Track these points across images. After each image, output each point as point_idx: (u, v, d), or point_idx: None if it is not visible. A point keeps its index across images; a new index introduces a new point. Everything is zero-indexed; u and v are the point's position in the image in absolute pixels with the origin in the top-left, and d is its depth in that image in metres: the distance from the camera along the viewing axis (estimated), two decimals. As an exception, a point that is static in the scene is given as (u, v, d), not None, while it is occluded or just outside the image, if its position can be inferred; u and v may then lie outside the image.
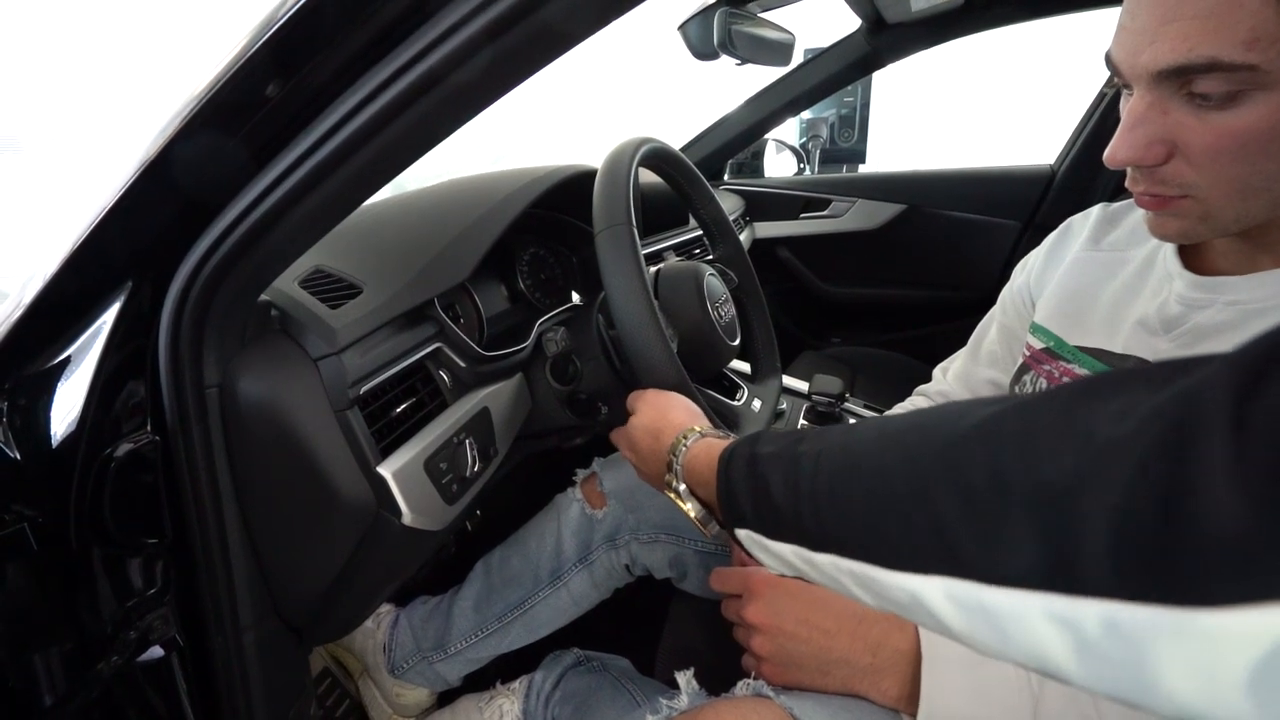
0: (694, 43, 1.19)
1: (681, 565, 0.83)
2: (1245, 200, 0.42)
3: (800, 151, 2.10)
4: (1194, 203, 0.44)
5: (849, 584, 0.34)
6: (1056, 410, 0.26)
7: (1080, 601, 0.23)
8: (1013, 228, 1.64)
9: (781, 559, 0.39)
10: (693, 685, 0.60)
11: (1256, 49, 0.35)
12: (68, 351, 0.50)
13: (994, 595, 0.26)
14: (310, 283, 0.60)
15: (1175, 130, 0.42)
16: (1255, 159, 0.40)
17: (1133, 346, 0.55)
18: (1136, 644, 0.21)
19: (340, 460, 0.55)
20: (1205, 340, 0.50)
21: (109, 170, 0.47)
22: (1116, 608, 0.22)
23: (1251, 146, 0.39)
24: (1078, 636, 0.23)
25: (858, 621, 0.55)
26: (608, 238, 0.60)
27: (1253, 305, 0.47)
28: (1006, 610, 0.25)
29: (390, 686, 0.90)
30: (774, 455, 0.40)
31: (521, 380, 0.78)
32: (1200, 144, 0.41)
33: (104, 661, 0.51)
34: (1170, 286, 0.53)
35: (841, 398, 1.13)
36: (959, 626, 0.28)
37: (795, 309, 1.93)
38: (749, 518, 0.41)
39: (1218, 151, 0.40)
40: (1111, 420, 0.24)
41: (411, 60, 0.38)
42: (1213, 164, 0.41)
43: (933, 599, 0.28)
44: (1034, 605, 0.24)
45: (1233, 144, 0.39)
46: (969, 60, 1.69)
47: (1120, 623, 0.22)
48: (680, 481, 0.51)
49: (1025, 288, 0.72)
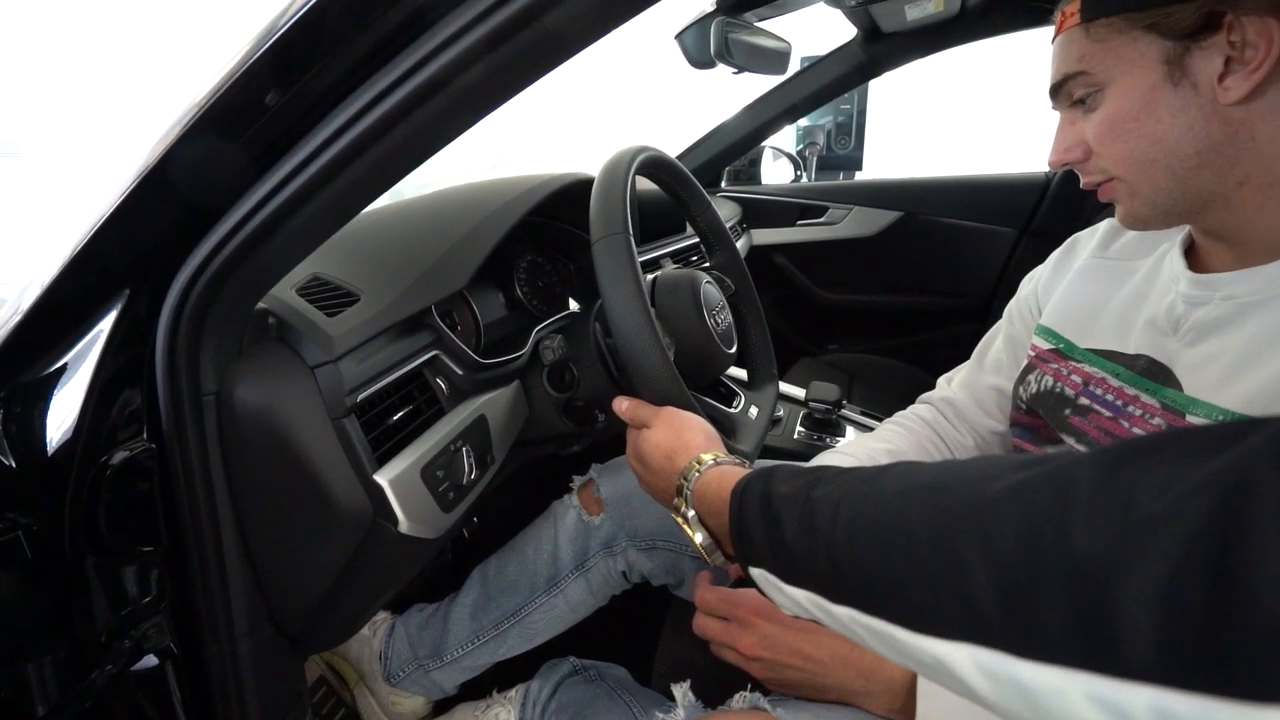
0: (691, 51, 1.19)
1: (678, 572, 0.82)
2: (1147, 172, 0.51)
3: (797, 159, 2.11)
4: (1119, 183, 0.54)
5: (869, 639, 0.32)
6: (1092, 479, 0.25)
7: (1128, 686, 0.21)
8: (1009, 235, 1.65)
9: (797, 604, 0.37)
10: (689, 698, 0.60)
11: (1085, 62, 0.52)
12: (64, 359, 0.50)
13: (1030, 671, 0.24)
14: (308, 290, 0.60)
15: (1082, 133, 0.54)
16: (1128, 137, 0.51)
17: (1144, 346, 0.57)
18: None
19: (337, 468, 0.55)
20: (1208, 336, 0.52)
21: (108, 177, 0.47)
22: (1167, 696, 0.20)
23: (1118, 128, 0.51)
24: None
25: (850, 648, 0.55)
26: (604, 247, 0.60)
27: (1246, 298, 0.51)
28: (1044, 688, 0.24)
29: (386, 695, 0.90)
30: (789, 497, 0.39)
31: (519, 388, 0.78)
32: (1094, 136, 0.53)
33: (98, 670, 0.51)
34: (1176, 287, 0.56)
35: (838, 405, 1.13)
36: (990, 697, 0.26)
37: (792, 316, 1.93)
38: (765, 558, 0.39)
39: (1101, 138, 0.52)
40: (1152, 494, 0.22)
41: (414, 67, 0.38)
42: (1107, 148, 0.52)
43: (961, 667, 0.27)
44: (1076, 685, 0.23)
45: (1107, 130, 0.52)
46: (965, 68, 1.70)
47: (1173, 713, 0.20)
48: (690, 508, 0.51)
49: (1033, 296, 0.74)
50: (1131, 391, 0.57)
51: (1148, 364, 0.56)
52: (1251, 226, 0.51)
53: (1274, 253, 0.49)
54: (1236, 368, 0.49)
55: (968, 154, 2.25)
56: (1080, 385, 0.61)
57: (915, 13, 1.29)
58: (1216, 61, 0.46)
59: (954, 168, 1.81)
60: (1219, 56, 0.46)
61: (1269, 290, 0.49)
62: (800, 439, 1.15)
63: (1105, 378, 0.60)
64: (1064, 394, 0.62)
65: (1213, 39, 0.46)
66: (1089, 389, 0.61)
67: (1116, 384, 0.58)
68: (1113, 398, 0.58)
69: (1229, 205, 0.51)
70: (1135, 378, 0.57)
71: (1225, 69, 0.46)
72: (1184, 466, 0.22)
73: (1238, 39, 0.45)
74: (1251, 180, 0.49)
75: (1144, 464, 0.24)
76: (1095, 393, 0.60)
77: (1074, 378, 0.62)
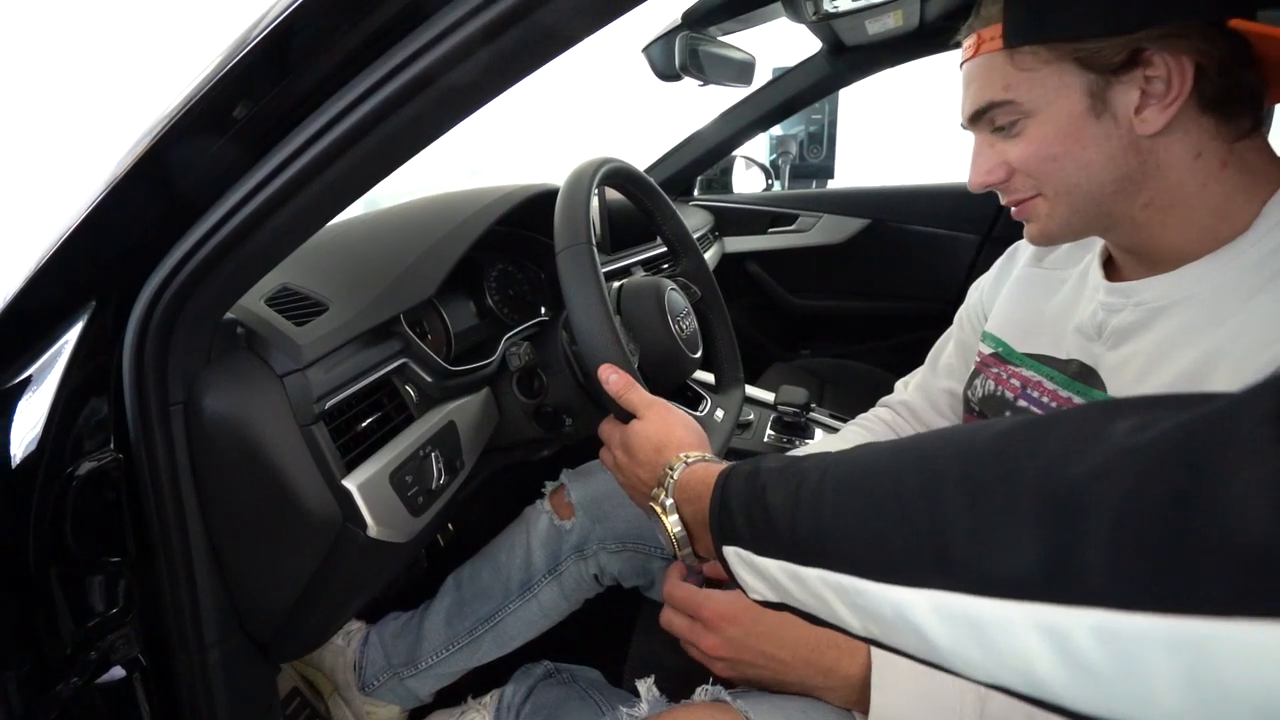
0: (657, 64, 1.22)
1: (649, 574, 0.84)
2: (1070, 195, 0.54)
3: (768, 168, 2.15)
4: (1043, 200, 0.56)
5: (834, 600, 0.34)
6: (1077, 419, 0.27)
7: (1072, 610, 0.22)
8: (972, 241, 1.70)
9: (766, 576, 0.38)
10: (653, 693, 0.62)
11: (1011, 90, 0.53)
12: (29, 370, 0.50)
13: (983, 606, 0.26)
14: (276, 300, 0.61)
15: (1002, 155, 0.56)
16: (1059, 161, 0.53)
17: (1075, 351, 0.61)
18: (1129, 654, 0.21)
19: (305, 474, 0.56)
20: (1126, 339, 0.56)
21: (75, 188, 0.48)
22: (1109, 616, 0.21)
23: (1047, 153, 0.53)
24: (1066, 647, 0.23)
25: (810, 649, 0.57)
26: (568, 256, 0.62)
27: (1154, 303, 0.54)
28: (994, 621, 0.25)
29: (361, 705, 0.90)
30: (777, 469, 0.40)
31: (489, 394, 0.79)
32: (1020, 157, 0.55)
33: (62, 683, 0.51)
34: (1097, 296, 0.59)
35: (807, 408, 1.16)
36: (943, 641, 0.28)
37: (764, 321, 1.97)
38: (741, 532, 0.40)
39: (1028, 161, 0.54)
40: (1131, 430, 0.24)
41: (404, 62, 0.38)
42: (1036, 168, 0.54)
43: (920, 613, 0.28)
44: (1023, 614, 0.24)
45: (1035, 155, 0.54)
46: (933, 79, 1.76)
47: (1113, 631, 0.21)
48: (669, 496, 0.51)
49: (979, 304, 0.78)
50: (1065, 394, 0.60)
51: (1079, 368, 0.59)
52: (1155, 242, 0.54)
53: (1177, 260, 0.53)
54: (1149, 367, 0.52)
55: (938, 161, 2.31)
56: (1019, 389, 0.65)
57: (876, 28, 1.34)
58: (1133, 95, 0.49)
59: (925, 175, 1.86)
60: (1135, 90, 0.49)
61: (1172, 295, 0.53)
62: (770, 442, 1.17)
63: (1042, 381, 0.63)
64: (1004, 397, 0.66)
65: (1131, 74, 0.49)
66: (1027, 392, 0.64)
67: (1052, 387, 0.62)
68: (1048, 400, 0.61)
69: (1134, 224, 0.54)
70: (1069, 381, 0.60)
71: (1140, 102, 0.49)
72: (1162, 413, 0.24)
73: (1155, 74, 0.48)
74: (1155, 203, 0.52)
75: (1126, 411, 0.25)
76: (1033, 395, 0.63)
77: (1013, 381, 0.65)
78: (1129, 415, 0.25)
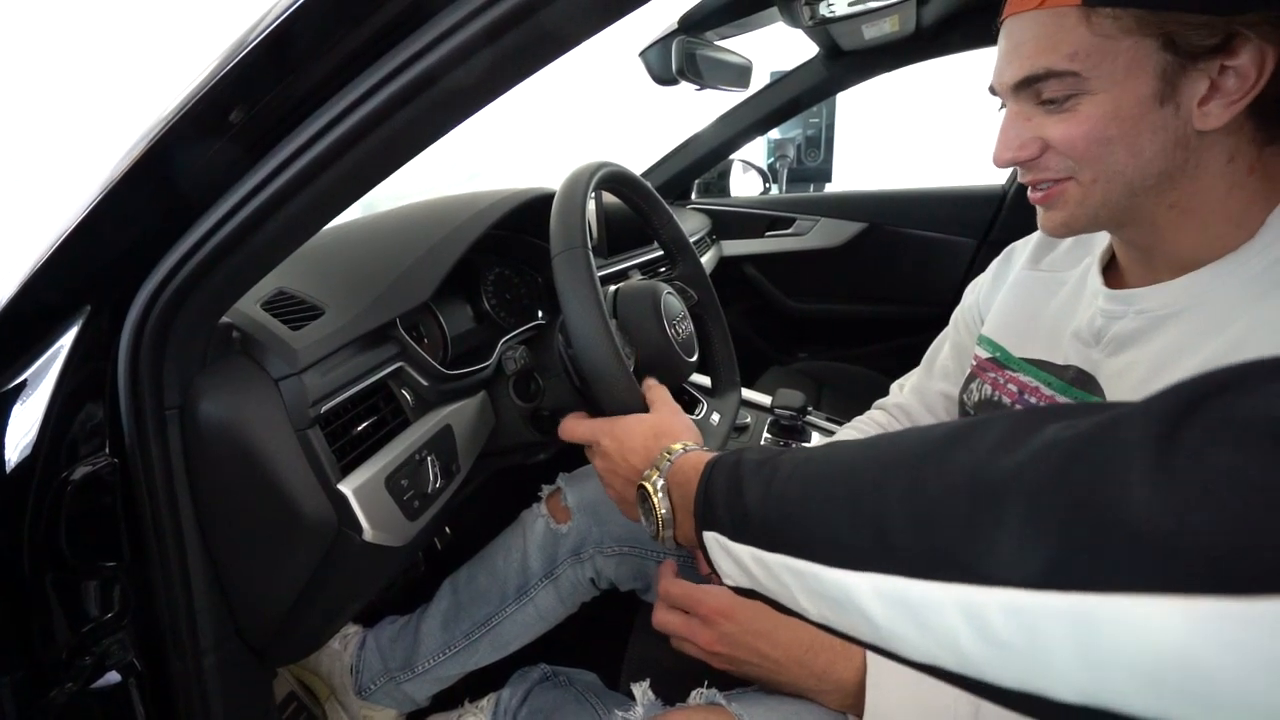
0: (654, 69, 1.23)
1: (645, 577, 0.84)
2: (1111, 183, 0.50)
3: (765, 171, 2.16)
4: (1074, 185, 0.52)
5: (793, 586, 0.35)
6: (1016, 419, 0.29)
7: (987, 590, 0.25)
8: (968, 245, 1.71)
9: (738, 562, 0.40)
10: (649, 696, 0.62)
11: (1077, 60, 0.46)
12: (24, 375, 0.50)
13: (917, 589, 0.28)
14: (272, 305, 0.61)
15: (1039, 130, 0.51)
16: (1110, 145, 0.48)
17: (1072, 358, 0.60)
18: (1034, 629, 0.23)
19: (301, 478, 0.56)
20: (1126, 347, 0.55)
21: (71, 191, 0.48)
22: (1017, 595, 0.24)
23: (1100, 136, 0.48)
24: (983, 625, 0.25)
25: (804, 650, 0.57)
26: (563, 261, 0.62)
27: (1158, 311, 0.53)
28: (925, 603, 0.28)
29: (358, 709, 0.90)
30: (757, 462, 0.42)
31: (485, 398, 0.79)
32: (1065, 136, 0.49)
33: (57, 689, 0.51)
34: (1096, 302, 0.58)
35: (803, 411, 1.16)
36: (883, 621, 0.30)
37: (762, 325, 1.97)
38: (720, 518, 0.42)
39: (1076, 140, 0.49)
40: (1058, 430, 0.26)
41: (405, 64, 0.38)
42: (1083, 151, 0.49)
43: (862, 595, 0.31)
44: (949, 595, 0.27)
45: (1085, 136, 0.48)
46: (931, 83, 1.76)
47: (1019, 608, 0.24)
48: (661, 478, 0.52)
49: (975, 306, 0.77)
50: (1064, 400, 0.60)
51: (1076, 374, 0.59)
52: (1167, 245, 0.53)
53: (1182, 268, 0.52)
54: (1151, 376, 0.52)
55: (933, 165, 2.32)
56: (1016, 394, 0.64)
57: (872, 32, 1.34)
58: (1202, 85, 0.45)
59: (921, 178, 1.87)
60: (1205, 81, 0.45)
61: (1178, 304, 0.51)
62: (767, 445, 1.17)
63: (1039, 386, 0.62)
64: (1001, 402, 0.65)
65: (1209, 62, 0.44)
66: (1024, 397, 0.63)
67: (1049, 393, 0.61)
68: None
69: (1153, 224, 0.52)
70: (1065, 386, 0.60)
71: (1206, 94, 0.45)
72: (1079, 416, 0.26)
73: (1235, 64, 0.44)
74: (1180, 204, 0.50)
75: (1060, 415, 0.28)
76: (1029, 401, 0.63)
77: (1010, 386, 0.65)
78: (1063, 418, 0.27)
